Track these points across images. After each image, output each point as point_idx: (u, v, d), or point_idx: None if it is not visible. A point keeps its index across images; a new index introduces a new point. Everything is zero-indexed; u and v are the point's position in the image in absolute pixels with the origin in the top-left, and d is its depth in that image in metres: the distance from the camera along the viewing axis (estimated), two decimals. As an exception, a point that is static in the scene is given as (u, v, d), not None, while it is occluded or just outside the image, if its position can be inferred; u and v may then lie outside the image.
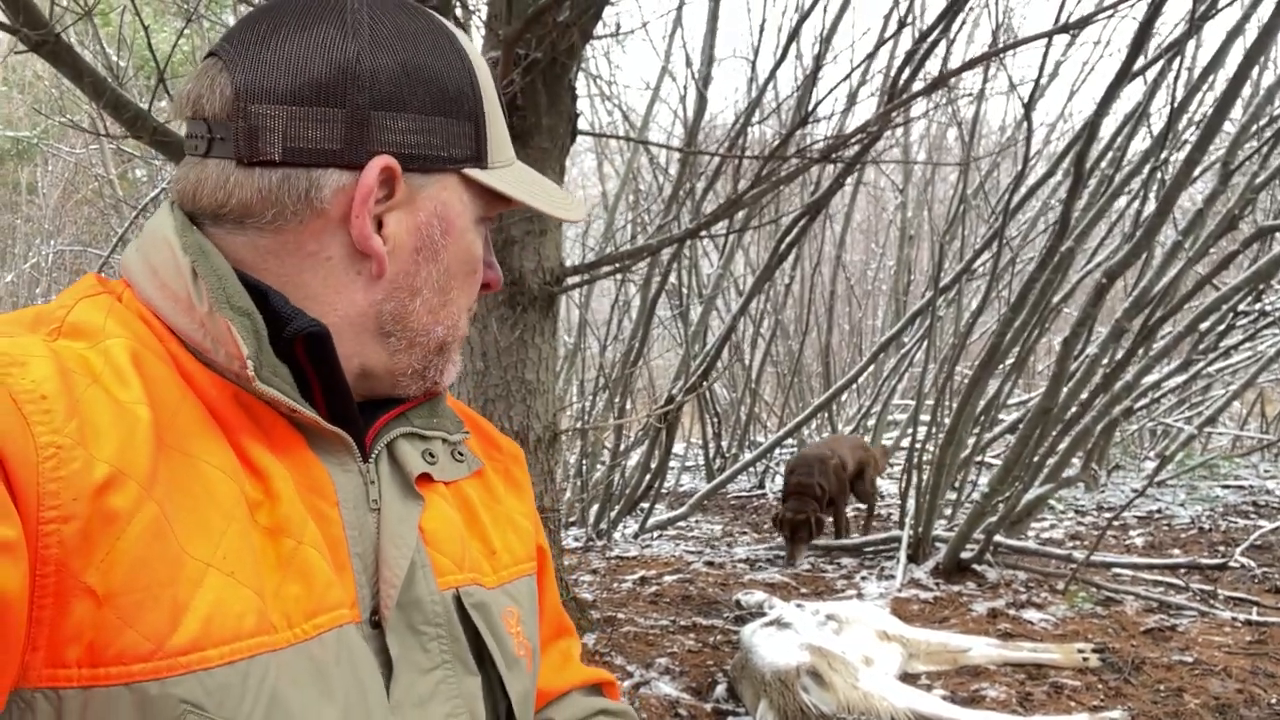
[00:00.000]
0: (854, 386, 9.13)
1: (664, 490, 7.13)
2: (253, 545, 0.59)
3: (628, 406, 6.73)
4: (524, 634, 0.80)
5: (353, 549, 0.67)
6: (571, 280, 3.71)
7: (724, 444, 8.36)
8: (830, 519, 5.53)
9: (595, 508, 6.34)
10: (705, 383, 5.91)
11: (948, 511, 5.57)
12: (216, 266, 0.64)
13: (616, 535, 6.12)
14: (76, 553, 0.52)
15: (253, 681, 0.56)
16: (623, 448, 6.88)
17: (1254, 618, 3.77)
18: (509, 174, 0.75)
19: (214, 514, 0.58)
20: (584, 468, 6.75)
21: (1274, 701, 2.91)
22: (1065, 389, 4.45)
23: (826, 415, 9.57)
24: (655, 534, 6.28)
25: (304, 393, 0.67)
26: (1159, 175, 4.69)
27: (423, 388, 0.76)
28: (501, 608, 0.77)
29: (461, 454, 0.80)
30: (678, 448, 8.87)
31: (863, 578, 4.77)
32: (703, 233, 4.09)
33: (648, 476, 6.06)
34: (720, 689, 3.16)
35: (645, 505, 6.25)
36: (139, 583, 0.53)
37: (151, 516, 0.55)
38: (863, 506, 5.96)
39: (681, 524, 6.56)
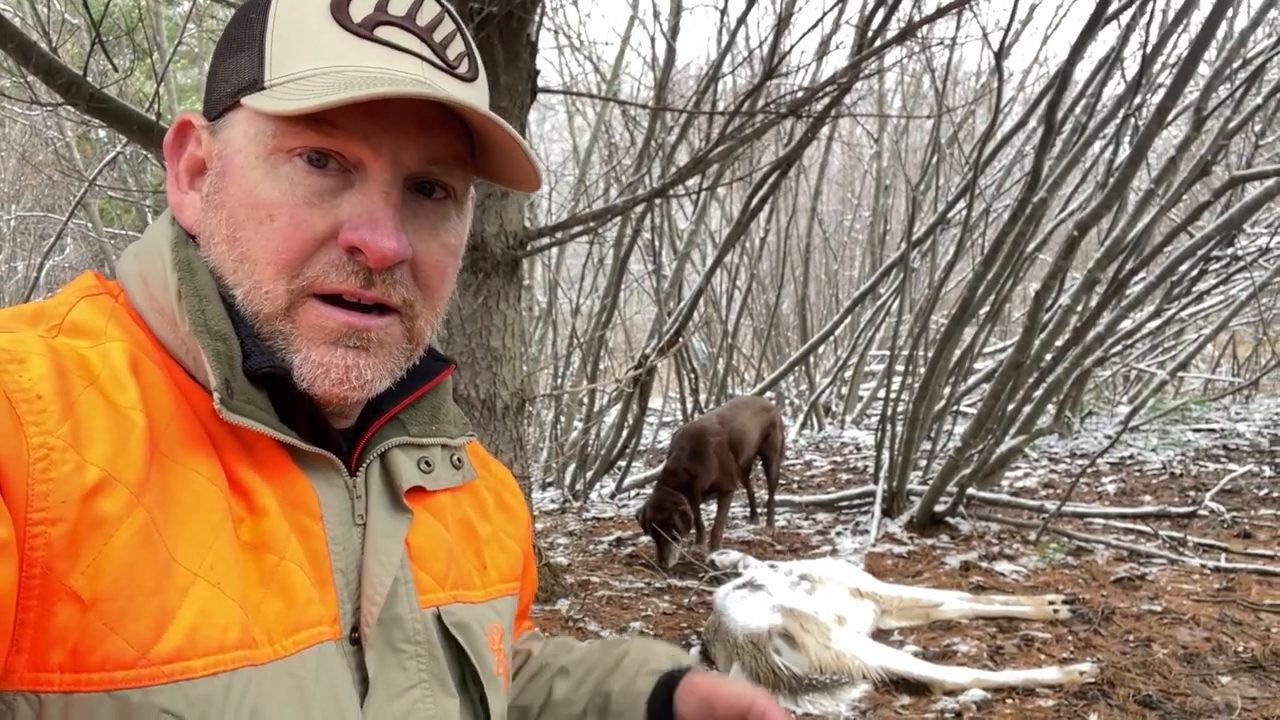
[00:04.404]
0: (831, 338, 9.14)
1: (641, 448, 7.12)
2: (238, 559, 0.59)
3: (603, 365, 6.67)
4: (505, 651, 0.79)
5: (335, 564, 0.65)
6: (539, 242, 3.64)
7: (701, 398, 8.36)
8: (737, 508, 4.87)
9: (571, 468, 6.33)
10: (680, 340, 5.86)
11: (922, 464, 5.59)
12: (200, 286, 0.63)
13: (593, 495, 6.11)
14: (63, 556, 0.51)
15: (234, 695, 0.55)
16: (597, 408, 6.85)
17: (1222, 564, 3.81)
18: (300, 86, 0.61)
19: (203, 524, 0.58)
20: (559, 429, 6.72)
21: (1241, 650, 2.94)
22: (1037, 341, 4.44)
23: (804, 367, 9.58)
24: (632, 493, 6.28)
25: (292, 407, 0.65)
26: (1132, 122, 4.64)
27: (325, 387, 0.64)
28: (486, 624, 0.76)
29: (460, 460, 0.79)
30: (655, 403, 8.85)
31: (838, 533, 4.79)
32: (671, 191, 4.01)
33: (623, 435, 6.04)
34: (694, 652, 3.16)
35: (622, 464, 6.24)
36: (125, 589, 0.53)
37: (141, 523, 0.54)
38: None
39: (659, 481, 6.56)
